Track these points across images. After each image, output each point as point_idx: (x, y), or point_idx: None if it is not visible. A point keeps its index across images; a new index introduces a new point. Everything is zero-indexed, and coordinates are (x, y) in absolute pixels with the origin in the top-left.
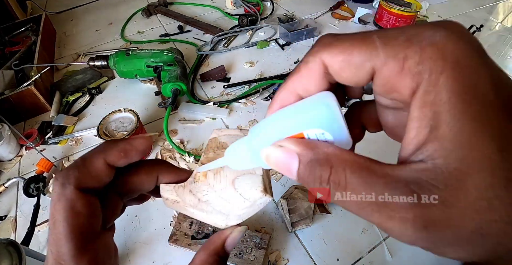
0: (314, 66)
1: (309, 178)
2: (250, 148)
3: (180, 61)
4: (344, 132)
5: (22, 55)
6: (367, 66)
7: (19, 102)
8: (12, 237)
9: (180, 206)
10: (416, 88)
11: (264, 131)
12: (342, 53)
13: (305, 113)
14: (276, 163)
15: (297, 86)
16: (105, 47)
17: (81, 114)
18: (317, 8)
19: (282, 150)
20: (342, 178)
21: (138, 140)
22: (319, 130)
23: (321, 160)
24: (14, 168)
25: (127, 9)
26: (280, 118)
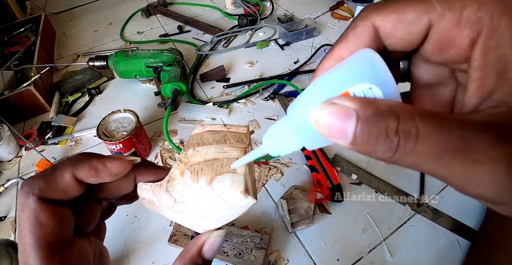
0: (363, 30)
1: (371, 134)
2: (292, 125)
3: (180, 61)
4: (393, 85)
5: (21, 56)
6: (423, 20)
7: (18, 103)
8: (12, 238)
9: (156, 207)
10: (477, 38)
11: (304, 101)
12: (395, 12)
13: (349, 69)
14: (328, 125)
15: (344, 53)
16: (104, 47)
17: (80, 114)
18: (316, 8)
19: (335, 108)
20: (413, 126)
21: (114, 162)
22: (366, 85)
23: (385, 112)
24: (13, 168)
25: (126, 9)
26: (320, 82)
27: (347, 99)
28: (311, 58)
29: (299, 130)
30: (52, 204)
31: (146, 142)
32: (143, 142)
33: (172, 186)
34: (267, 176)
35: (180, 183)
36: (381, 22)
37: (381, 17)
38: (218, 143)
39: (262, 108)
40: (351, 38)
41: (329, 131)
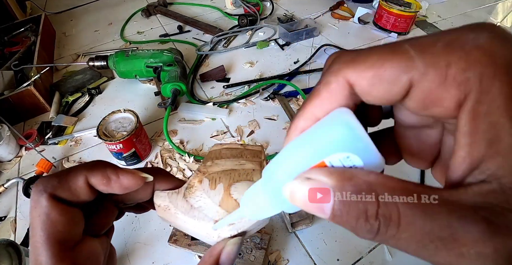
0: (337, 87)
1: (350, 216)
2: (268, 191)
3: (180, 61)
4: (373, 151)
5: (21, 56)
6: (403, 79)
7: (18, 103)
8: (12, 238)
9: (171, 214)
10: (464, 99)
11: (280, 168)
12: (372, 68)
13: (323, 136)
14: (303, 202)
15: (318, 112)
16: (104, 47)
17: (80, 114)
18: (316, 8)
19: (310, 184)
20: (394, 211)
21: (128, 176)
22: (343, 154)
23: (363, 191)
24: (13, 168)
25: (126, 9)
26: (294, 149)
27: (323, 173)
28: (311, 58)
29: (275, 196)
30: (64, 204)
31: (146, 142)
32: (143, 142)
33: (190, 193)
34: None
35: (198, 189)
36: (356, 79)
37: (356, 73)
38: (235, 157)
39: (262, 108)
40: (325, 96)
41: (306, 207)
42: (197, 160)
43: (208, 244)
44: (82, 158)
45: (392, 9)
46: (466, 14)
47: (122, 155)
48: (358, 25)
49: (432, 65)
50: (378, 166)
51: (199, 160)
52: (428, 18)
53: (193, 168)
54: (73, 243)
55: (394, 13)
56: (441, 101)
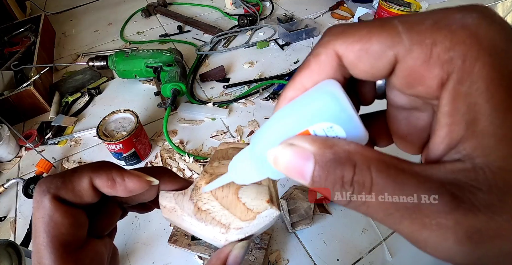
0: (326, 58)
1: (328, 180)
2: (254, 157)
3: (180, 61)
4: (356, 123)
5: (21, 56)
6: (389, 54)
7: (18, 103)
8: (12, 238)
9: (177, 215)
10: (446, 79)
11: (265, 135)
12: (359, 41)
13: (309, 106)
14: (286, 166)
15: (307, 82)
16: (104, 48)
17: (80, 114)
18: (316, 8)
19: (294, 150)
20: (367, 178)
21: (133, 179)
22: (326, 124)
23: (342, 159)
24: (13, 169)
25: (126, 10)
26: (281, 117)
27: (306, 140)
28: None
29: (261, 162)
30: (67, 205)
31: (146, 142)
32: (143, 142)
33: (197, 195)
34: None
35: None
36: (344, 51)
37: (344, 45)
38: None
39: (262, 108)
40: (314, 67)
41: (288, 171)
42: (197, 160)
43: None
44: (82, 158)
45: (392, 9)
46: None
47: (122, 155)
48: None
49: (417, 42)
50: (360, 138)
51: (199, 160)
52: None
53: (193, 168)
54: (76, 246)
55: (394, 13)
56: (424, 80)
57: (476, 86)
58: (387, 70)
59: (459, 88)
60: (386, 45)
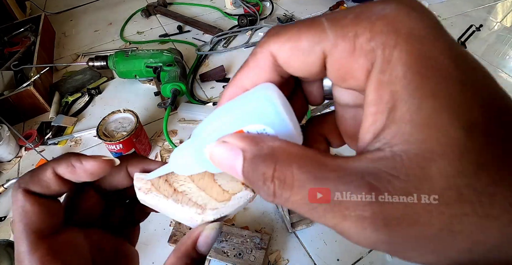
0: (262, 58)
1: (253, 176)
2: (194, 151)
3: (180, 61)
4: (288, 126)
5: (21, 56)
6: (317, 50)
7: (18, 103)
8: (12, 238)
9: (153, 197)
10: (371, 69)
11: (204, 130)
12: (289, 40)
13: (244, 108)
14: (220, 161)
15: (245, 81)
16: (104, 48)
17: (80, 114)
18: (316, 8)
19: (225, 146)
20: (288, 175)
21: (91, 161)
22: (259, 126)
23: (265, 155)
24: (13, 169)
25: (126, 10)
26: (220, 115)
27: (237, 137)
28: None
29: (200, 155)
30: (37, 196)
31: (146, 142)
32: (143, 142)
33: (173, 177)
34: None
35: None
36: (277, 50)
37: (277, 45)
38: None
39: None
40: (251, 66)
41: (222, 166)
42: None
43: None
44: None
45: None
46: (466, 14)
47: None
48: None
49: (341, 36)
50: (294, 139)
51: None
52: None
53: None
54: (49, 232)
55: None
56: (352, 71)
57: (396, 73)
58: (318, 66)
59: (380, 76)
60: (313, 42)
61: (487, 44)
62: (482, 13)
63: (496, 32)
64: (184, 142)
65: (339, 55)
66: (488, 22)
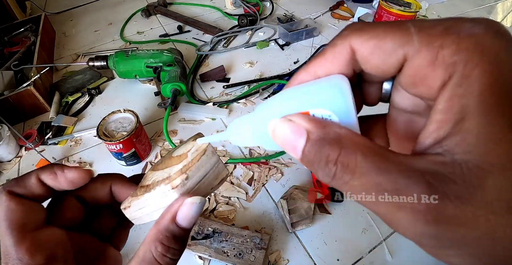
0: (341, 50)
1: (315, 157)
2: (253, 124)
3: (180, 61)
4: (352, 118)
5: (21, 56)
6: (399, 53)
7: (18, 103)
8: None
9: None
10: (448, 80)
11: (271, 106)
12: (374, 38)
13: (316, 92)
14: (282, 138)
15: (319, 70)
16: (104, 48)
17: (80, 114)
18: (316, 8)
19: (291, 125)
20: (352, 160)
21: (72, 171)
22: (326, 112)
23: (331, 140)
24: (13, 169)
25: (126, 10)
26: (288, 95)
27: (304, 118)
28: (311, 58)
29: (259, 130)
30: (20, 197)
31: (146, 142)
32: (143, 142)
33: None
34: (267, 176)
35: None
36: (359, 45)
37: (360, 40)
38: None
39: None
40: (329, 57)
41: (283, 143)
42: None
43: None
44: (82, 158)
45: (392, 9)
46: (466, 14)
47: (122, 155)
48: None
49: (426, 44)
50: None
51: None
52: (428, 18)
53: None
54: (32, 228)
55: (394, 13)
56: (427, 80)
57: (472, 89)
58: (396, 67)
59: (456, 89)
60: (398, 44)
61: None
62: (482, 13)
63: None
64: (246, 114)
65: (419, 62)
66: None
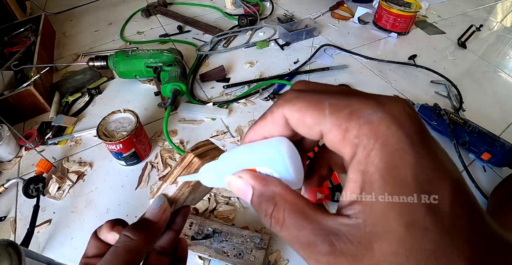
0: (277, 117)
1: (258, 208)
2: (217, 172)
3: (180, 61)
4: (290, 174)
5: (21, 56)
6: (316, 129)
7: (18, 103)
8: (12, 238)
9: None
10: (353, 156)
11: (228, 161)
12: (298, 112)
13: (259, 152)
14: (236, 189)
15: (263, 130)
16: (104, 48)
17: (80, 114)
18: (316, 8)
19: (240, 180)
20: (281, 216)
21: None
22: (268, 169)
23: (268, 197)
24: (13, 168)
25: (126, 10)
26: (241, 152)
27: (250, 175)
28: (311, 58)
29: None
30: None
31: (146, 142)
32: (143, 142)
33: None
34: None
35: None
36: (289, 115)
37: (289, 112)
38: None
39: (262, 108)
40: (268, 121)
41: (237, 193)
42: None
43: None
44: (82, 158)
45: (392, 9)
46: (466, 14)
47: (122, 155)
48: (358, 25)
49: (336, 125)
50: (293, 184)
51: None
52: (428, 18)
53: None
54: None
55: (394, 13)
56: (341, 152)
57: (368, 169)
58: (318, 137)
59: (358, 166)
60: (314, 122)
61: (487, 44)
62: (482, 13)
63: (496, 32)
64: (213, 162)
65: (332, 138)
66: (488, 22)
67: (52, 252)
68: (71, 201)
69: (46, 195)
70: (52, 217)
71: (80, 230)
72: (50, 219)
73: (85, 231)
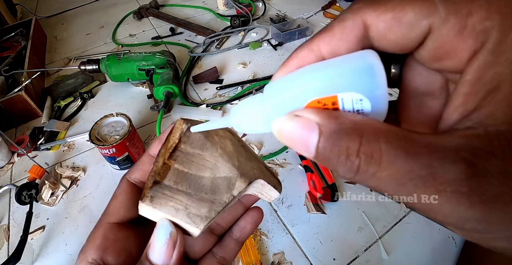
0: (351, 26)
1: (333, 152)
2: (264, 112)
3: (172, 63)
4: (385, 102)
5: (12, 61)
6: (423, 24)
7: (10, 109)
8: (5, 245)
9: None
10: (479, 50)
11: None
12: (392, 10)
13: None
14: (290, 137)
15: (324, 47)
16: (96, 51)
17: (73, 119)
18: (309, 8)
19: (299, 121)
20: (376, 149)
21: None
22: (357, 95)
23: (348, 129)
24: (5, 175)
25: (118, 12)
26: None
27: (312, 111)
28: None
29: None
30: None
31: (140, 145)
32: (137, 146)
33: None
34: None
35: None
36: (374, 20)
37: (375, 14)
38: None
39: None
40: (336, 33)
41: (292, 143)
42: None
43: None
44: (75, 163)
45: None
46: None
47: (116, 159)
48: None
49: (453, 12)
50: (380, 116)
51: None
52: None
53: None
54: None
55: None
56: (456, 52)
57: (507, 55)
58: (418, 42)
59: (488, 57)
60: (421, 14)
61: None
62: None
63: None
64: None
65: (446, 32)
66: None
67: (46, 259)
68: (64, 207)
69: (39, 201)
70: (46, 223)
71: (74, 236)
72: (44, 226)
73: (79, 236)
